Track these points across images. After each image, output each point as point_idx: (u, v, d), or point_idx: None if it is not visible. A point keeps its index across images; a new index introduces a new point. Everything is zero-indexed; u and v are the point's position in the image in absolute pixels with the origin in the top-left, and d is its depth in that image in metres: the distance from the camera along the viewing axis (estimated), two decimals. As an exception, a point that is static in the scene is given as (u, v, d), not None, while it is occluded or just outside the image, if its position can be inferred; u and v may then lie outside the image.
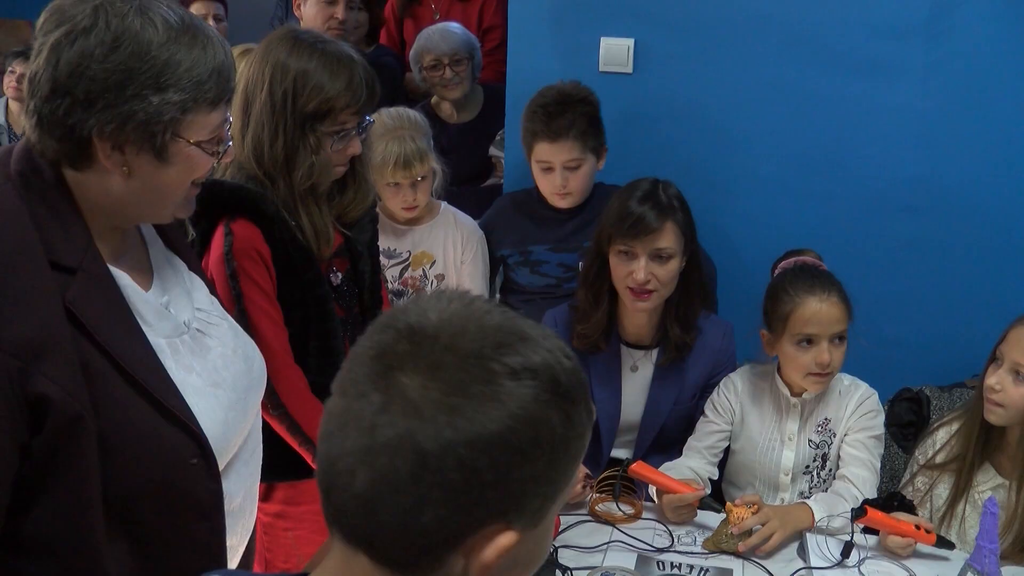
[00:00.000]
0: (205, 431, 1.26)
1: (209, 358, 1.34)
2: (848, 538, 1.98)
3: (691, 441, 2.31)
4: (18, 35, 5.44)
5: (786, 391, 2.24)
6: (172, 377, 1.25)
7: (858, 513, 1.97)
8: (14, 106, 4.88)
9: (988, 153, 2.65)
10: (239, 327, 1.48)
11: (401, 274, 2.67)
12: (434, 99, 3.30)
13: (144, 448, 1.20)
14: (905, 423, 2.49)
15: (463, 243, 2.68)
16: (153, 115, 1.17)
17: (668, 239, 2.22)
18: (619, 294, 2.28)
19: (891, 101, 2.65)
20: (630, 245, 2.20)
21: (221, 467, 1.31)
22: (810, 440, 2.24)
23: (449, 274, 2.68)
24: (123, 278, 1.25)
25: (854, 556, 1.97)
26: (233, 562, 1.45)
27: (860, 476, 2.15)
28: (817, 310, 2.13)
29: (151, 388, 1.20)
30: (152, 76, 1.16)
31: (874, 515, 1.97)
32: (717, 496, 2.29)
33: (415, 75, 3.36)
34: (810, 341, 2.14)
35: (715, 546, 2.01)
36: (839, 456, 2.23)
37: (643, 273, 2.21)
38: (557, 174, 2.58)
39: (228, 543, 1.36)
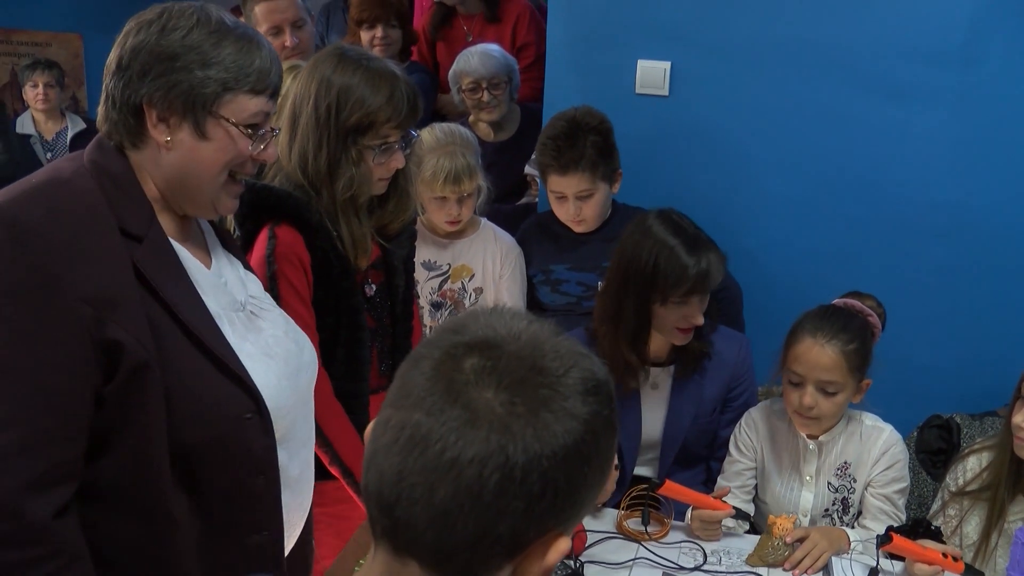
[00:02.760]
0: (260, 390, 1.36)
1: (262, 336, 1.45)
2: (874, 563, 1.98)
3: (721, 480, 2.32)
4: (71, 48, 5.58)
5: (802, 435, 2.21)
6: (229, 340, 1.36)
7: (884, 539, 1.96)
8: (39, 116, 5.01)
9: (1022, 179, 2.65)
10: (290, 318, 1.57)
11: (440, 286, 2.70)
12: (471, 117, 3.34)
13: (203, 402, 1.31)
14: (935, 450, 2.48)
15: (502, 258, 2.71)
16: (197, 86, 1.32)
17: (717, 279, 2.25)
18: (658, 331, 2.28)
19: (925, 126, 2.65)
20: (687, 297, 2.21)
21: (279, 434, 1.40)
22: (829, 483, 2.22)
23: (487, 288, 2.71)
24: (184, 251, 1.39)
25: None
26: (291, 536, 1.52)
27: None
28: (806, 351, 2.10)
29: (210, 345, 1.32)
30: (200, 55, 1.32)
31: (900, 542, 1.96)
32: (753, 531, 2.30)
33: (454, 96, 3.41)
34: (799, 380, 2.12)
35: (761, 561, 2.03)
36: (862, 504, 2.21)
37: (700, 317, 2.24)
38: (571, 204, 2.61)
39: (286, 515, 1.44)
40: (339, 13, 3.96)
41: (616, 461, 2.22)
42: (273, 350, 1.45)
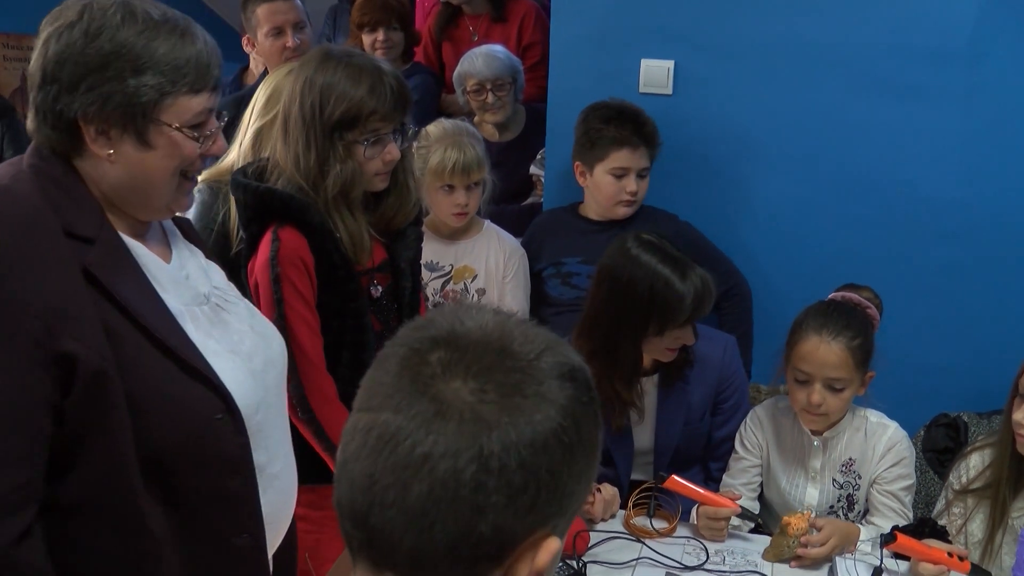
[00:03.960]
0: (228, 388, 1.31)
1: (228, 331, 1.40)
2: (878, 563, 1.97)
3: (726, 479, 2.32)
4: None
5: (806, 429, 2.21)
6: (192, 339, 1.31)
7: (888, 539, 1.95)
8: None
9: (1028, 178, 2.63)
10: (256, 309, 1.53)
11: (443, 287, 2.70)
12: (476, 118, 3.35)
13: (170, 406, 1.26)
14: (941, 449, 2.47)
15: (505, 260, 2.71)
16: (131, 96, 1.24)
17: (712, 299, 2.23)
18: (647, 354, 2.26)
19: (930, 125, 2.64)
20: (685, 326, 2.19)
21: (251, 431, 1.36)
22: (834, 480, 2.22)
23: (491, 289, 2.71)
24: (139, 248, 1.32)
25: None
26: (276, 537, 1.48)
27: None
28: (813, 349, 2.10)
29: (172, 346, 1.26)
30: (130, 60, 1.24)
31: (904, 541, 1.95)
32: (759, 529, 2.30)
33: (459, 97, 3.41)
34: (806, 379, 2.12)
35: (776, 557, 2.03)
36: (868, 501, 2.21)
37: (692, 337, 2.23)
38: (632, 180, 2.63)
39: (269, 515, 1.40)
40: (345, 15, 3.97)
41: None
42: (239, 346, 1.40)
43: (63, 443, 1.20)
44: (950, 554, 1.94)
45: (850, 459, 2.20)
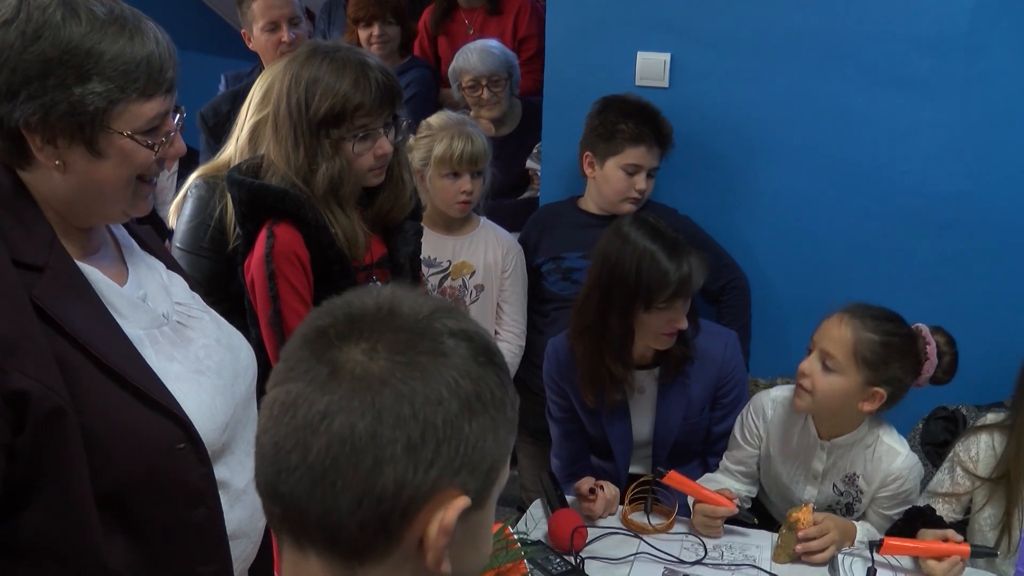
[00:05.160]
0: (190, 416, 1.25)
1: (191, 349, 1.34)
2: (870, 564, 1.96)
3: (725, 461, 2.32)
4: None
5: (815, 431, 2.18)
6: (152, 366, 1.24)
7: (876, 545, 1.94)
8: None
9: (1028, 169, 2.61)
10: (223, 319, 1.48)
11: (440, 283, 2.69)
12: (472, 113, 3.33)
13: (128, 438, 1.19)
14: (940, 442, 2.45)
15: (503, 256, 2.71)
16: (77, 105, 1.15)
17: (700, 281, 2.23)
18: (642, 338, 2.25)
19: (929, 116, 2.62)
20: (672, 302, 2.18)
21: (216, 451, 1.31)
22: (835, 486, 2.20)
23: (489, 285, 2.70)
24: (93, 273, 1.25)
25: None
26: (249, 548, 1.43)
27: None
28: (827, 322, 2.10)
29: (129, 377, 1.20)
30: (74, 66, 1.14)
31: (894, 544, 1.94)
32: (760, 511, 2.29)
33: (454, 93, 3.40)
34: (812, 347, 2.11)
35: (788, 557, 2.02)
36: (868, 513, 2.19)
37: (684, 321, 2.22)
38: (642, 178, 2.63)
39: (239, 528, 1.36)
40: (340, 10, 3.97)
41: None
42: (204, 364, 1.33)
43: (15, 482, 1.13)
44: (946, 539, 1.92)
45: (854, 473, 2.17)
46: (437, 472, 0.75)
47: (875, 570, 1.95)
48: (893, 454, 2.13)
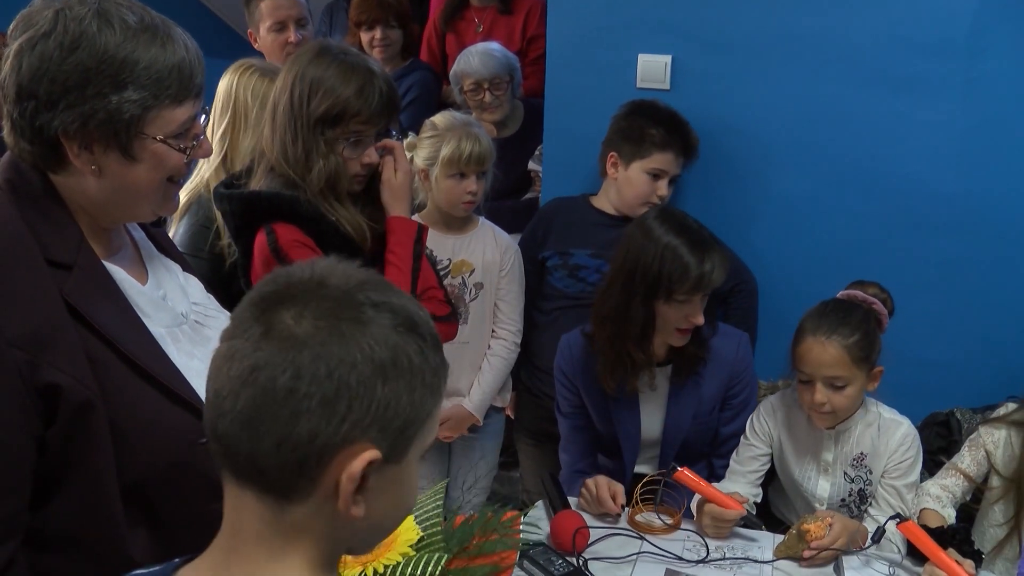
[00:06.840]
0: None
1: (210, 347, 1.34)
2: (883, 561, 1.97)
3: (733, 464, 2.33)
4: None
5: (820, 426, 2.22)
6: (175, 362, 1.29)
7: (901, 519, 1.99)
8: None
9: (1028, 172, 2.62)
10: None
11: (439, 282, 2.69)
12: (474, 115, 3.34)
13: (153, 432, 1.24)
14: (935, 449, 2.46)
15: (502, 255, 2.72)
16: (114, 113, 1.21)
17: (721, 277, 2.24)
18: (659, 331, 2.26)
19: (929, 118, 2.63)
20: (691, 295, 2.20)
21: None
22: (845, 473, 2.22)
23: (488, 284, 2.71)
24: (119, 272, 1.30)
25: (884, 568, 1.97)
26: None
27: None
28: (809, 350, 2.12)
29: (155, 373, 1.25)
30: (110, 75, 1.19)
31: (915, 529, 1.96)
32: (766, 513, 2.30)
33: (456, 96, 3.40)
34: (808, 379, 2.14)
35: (787, 555, 2.04)
36: (878, 493, 2.21)
37: (701, 316, 2.24)
38: (665, 184, 2.66)
39: None
40: (342, 12, 3.98)
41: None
42: None
43: (45, 474, 1.18)
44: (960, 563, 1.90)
45: (861, 453, 2.21)
46: (348, 426, 0.84)
47: (883, 531, 2.02)
48: (895, 425, 2.21)
